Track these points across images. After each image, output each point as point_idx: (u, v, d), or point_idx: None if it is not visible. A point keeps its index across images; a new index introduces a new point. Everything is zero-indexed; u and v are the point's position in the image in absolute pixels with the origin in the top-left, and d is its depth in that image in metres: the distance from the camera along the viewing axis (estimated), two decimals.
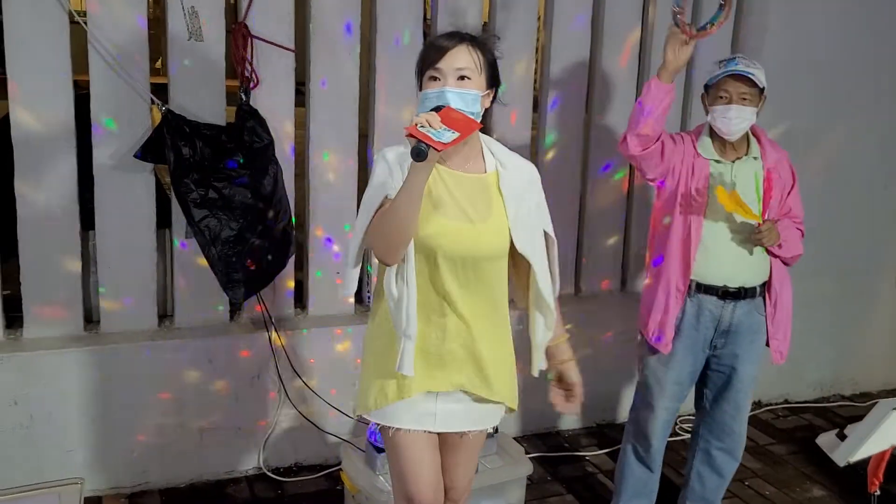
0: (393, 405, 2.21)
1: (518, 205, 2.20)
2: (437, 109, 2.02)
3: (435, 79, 2.11)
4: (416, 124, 1.93)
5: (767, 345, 3.08)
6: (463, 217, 2.14)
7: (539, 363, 2.32)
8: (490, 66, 2.17)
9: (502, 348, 2.29)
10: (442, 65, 2.10)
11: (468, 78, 2.11)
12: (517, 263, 2.28)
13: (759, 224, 2.85)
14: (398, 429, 2.23)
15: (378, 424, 2.28)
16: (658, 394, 3.07)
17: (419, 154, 1.90)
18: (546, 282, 2.25)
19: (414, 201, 1.99)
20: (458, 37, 2.14)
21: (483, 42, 2.17)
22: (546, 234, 2.29)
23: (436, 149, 1.91)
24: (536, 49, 4.00)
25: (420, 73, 2.17)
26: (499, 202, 2.19)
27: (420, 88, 2.17)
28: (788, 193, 3.03)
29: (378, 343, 2.25)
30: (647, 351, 3.05)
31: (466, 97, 2.09)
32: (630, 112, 2.94)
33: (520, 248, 2.18)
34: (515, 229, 2.18)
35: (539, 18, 3.89)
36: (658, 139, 2.88)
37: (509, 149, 2.31)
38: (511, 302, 2.33)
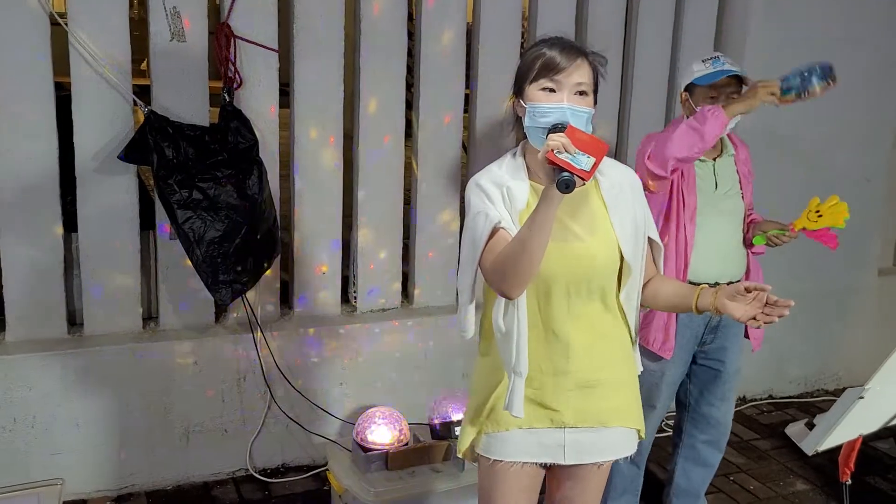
0: (508, 433, 2.09)
1: (623, 212, 2.06)
2: (555, 128, 1.87)
3: (550, 91, 1.95)
4: (553, 150, 1.77)
5: (745, 335, 3.12)
6: (571, 236, 2.00)
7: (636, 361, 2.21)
8: (596, 85, 2.03)
9: (624, 368, 2.16)
10: (562, 77, 1.94)
11: (586, 94, 1.97)
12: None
13: (792, 229, 2.95)
14: (509, 461, 2.11)
15: (481, 456, 2.15)
16: (656, 396, 3.07)
17: (568, 186, 1.74)
18: (635, 291, 2.11)
19: (546, 231, 1.83)
20: (578, 50, 1.99)
21: (596, 60, 2.03)
22: (652, 240, 2.16)
23: (582, 179, 1.76)
24: (522, 46, 4.01)
25: (524, 80, 2.00)
26: (602, 212, 2.05)
27: (519, 97, 2.02)
28: (751, 185, 3.10)
29: (491, 380, 2.11)
30: (646, 354, 3.05)
31: (583, 116, 1.94)
32: (667, 128, 2.87)
33: (627, 257, 2.05)
34: (622, 237, 2.05)
35: (524, 18, 3.89)
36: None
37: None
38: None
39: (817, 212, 2.88)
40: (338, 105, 3.52)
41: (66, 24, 3.06)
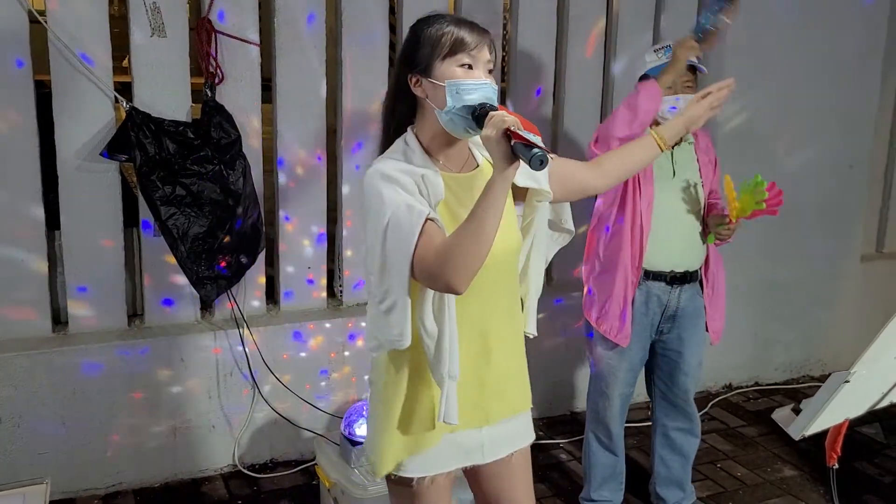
0: (431, 449, 1.99)
1: (528, 174, 1.95)
2: (483, 108, 1.78)
3: (469, 67, 1.84)
4: (511, 126, 1.68)
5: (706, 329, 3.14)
6: None
7: (532, 324, 2.12)
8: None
9: (522, 351, 2.12)
10: (476, 53, 1.85)
11: (492, 72, 1.90)
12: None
13: (731, 221, 2.92)
14: (431, 476, 2.01)
15: (397, 476, 2.01)
16: (613, 383, 3.11)
17: (542, 162, 1.63)
18: (545, 217, 2.08)
19: (501, 211, 1.74)
20: (483, 31, 1.89)
21: (492, 40, 1.93)
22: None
23: (549, 154, 1.67)
24: (504, 38, 4.01)
25: (431, 57, 1.85)
26: None
27: (425, 75, 1.86)
28: (713, 175, 3.10)
29: (409, 392, 1.97)
30: (602, 343, 3.08)
31: (496, 92, 1.87)
32: (613, 109, 2.95)
33: (522, 183, 1.96)
34: (545, 183, 1.99)
35: (505, 8, 3.89)
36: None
37: None
38: None
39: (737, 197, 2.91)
40: (320, 99, 3.51)
41: (45, 22, 3.04)
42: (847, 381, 2.17)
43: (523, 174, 1.93)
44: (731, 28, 4.06)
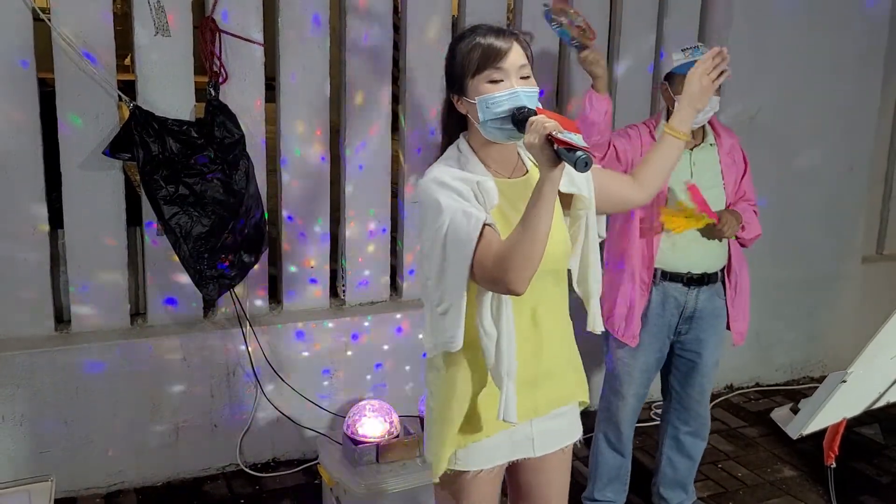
0: (480, 443, 2.03)
1: (573, 177, 2.03)
2: (521, 112, 1.83)
3: (497, 81, 1.88)
4: (552, 131, 1.71)
5: (728, 328, 3.15)
6: None
7: (598, 318, 2.16)
8: (532, 65, 1.98)
9: (572, 341, 2.18)
10: (504, 64, 1.88)
11: (528, 78, 1.92)
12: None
13: (717, 221, 2.92)
14: (485, 469, 2.05)
15: (452, 471, 2.05)
16: (627, 383, 3.12)
17: (587, 164, 1.67)
18: (594, 223, 2.11)
19: (552, 213, 1.78)
20: (509, 34, 1.93)
21: (526, 38, 1.99)
22: (599, 170, 2.16)
23: (593, 155, 1.71)
24: None
25: (464, 76, 1.91)
26: None
27: (462, 94, 1.93)
28: (742, 177, 3.10)
29: (463, 389, 2.02)
30: (615, 342, 3.09)
31: (534, 97, 1.89)
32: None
33: (565, 189, 1.99)
34: (568, 187, 2.01)
35: (509, 9, 3.89)
36: (610, 145, 2.93)
37: None
38: None
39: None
40: (324, 99, 3.51)
41: (48, 20, 3.03)
42: (844, 381, 2.18)
43: (565, 181, 1.99)
44: (733, 29, 4.11)
